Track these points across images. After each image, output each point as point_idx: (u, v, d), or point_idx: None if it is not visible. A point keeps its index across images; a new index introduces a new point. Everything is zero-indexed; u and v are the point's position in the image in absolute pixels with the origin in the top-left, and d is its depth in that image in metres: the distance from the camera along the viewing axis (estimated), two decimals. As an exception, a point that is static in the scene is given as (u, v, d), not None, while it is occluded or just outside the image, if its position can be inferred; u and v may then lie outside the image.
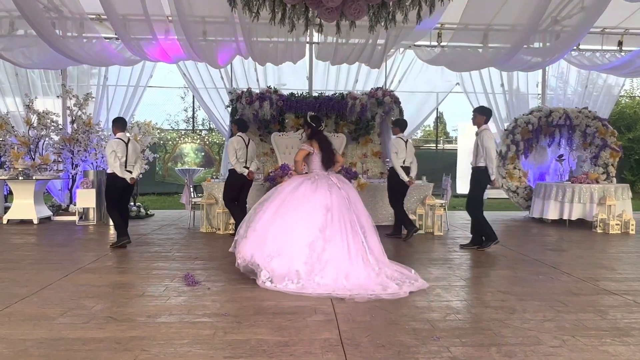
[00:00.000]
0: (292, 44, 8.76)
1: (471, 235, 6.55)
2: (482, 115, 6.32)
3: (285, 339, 3.12)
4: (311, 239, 4.35)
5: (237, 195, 7.13)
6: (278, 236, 4.38)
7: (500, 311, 3.74)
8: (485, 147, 6.08)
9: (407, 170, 7.08)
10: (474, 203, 6.34)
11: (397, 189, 7.18)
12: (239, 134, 7.15)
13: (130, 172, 6.29)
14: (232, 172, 7.08)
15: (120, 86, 10.50)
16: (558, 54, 8.77)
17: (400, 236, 7.23)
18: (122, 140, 6.25)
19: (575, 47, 9.49)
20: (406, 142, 7.17)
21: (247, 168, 7.09)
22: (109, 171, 6.25)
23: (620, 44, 9.85)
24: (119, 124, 6.44)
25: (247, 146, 7.13)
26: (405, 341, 3.09)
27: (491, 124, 11.69)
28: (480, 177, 6.22)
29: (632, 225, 8.06)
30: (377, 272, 4.36)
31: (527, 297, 4.14)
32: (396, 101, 9.94)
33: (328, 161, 4.87)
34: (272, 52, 9.01)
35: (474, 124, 6.39)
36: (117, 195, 6.32)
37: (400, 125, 7.36)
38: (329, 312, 3.66)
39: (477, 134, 6.32)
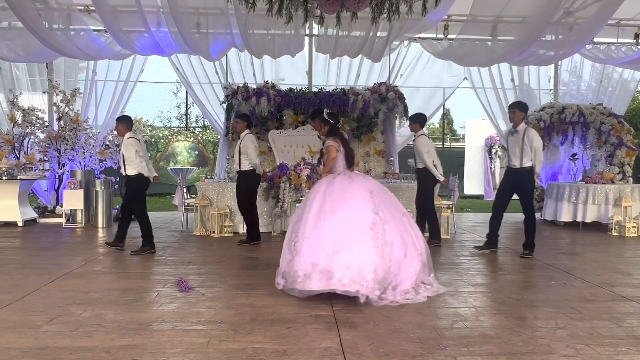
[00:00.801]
0: (290, 37, 8.76)
1: (486, 238, 6.50)
2: (522, 111, 6.15)
3: (283, 347, 3.12)
4: (369, 221, 4.20)
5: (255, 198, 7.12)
6: (336, 228, 4.17)
7: (511, 318, 3.74)
8: (535, 147, 5.98)
9: None
10: (531, 208, 6.20)
11: (430, 192, 6.93)
12: (248, 131, 6.94)
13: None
14: (250, 173, 6.83)
15: (110, 81, 10.50)
16: (573, 47, 8.76)
17: None
18: (137, 139, 6.20)
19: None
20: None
21: None
22: (132, 173, 6.06)
23: (637, 36, 9.86)
24: (128, 122, 6.31)
25: None
26: (410, 350, 3.09)
27: (501, 121, 11.48)
28: (531, 178, 6.14)
29: (650, 227, 8.06)
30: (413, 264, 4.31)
31: (538, 304, 4.14)
32: (400, 97, 9.91)
33: (351, 158, 4.85)
34: (270, 45, 9.01)
35: (512, 121, 6.24)
36: (144, 199, 6.23)
37: (420, 120, 6.97)
38: (330, 319, 3.66)
39: (514, 132, 6.18)
